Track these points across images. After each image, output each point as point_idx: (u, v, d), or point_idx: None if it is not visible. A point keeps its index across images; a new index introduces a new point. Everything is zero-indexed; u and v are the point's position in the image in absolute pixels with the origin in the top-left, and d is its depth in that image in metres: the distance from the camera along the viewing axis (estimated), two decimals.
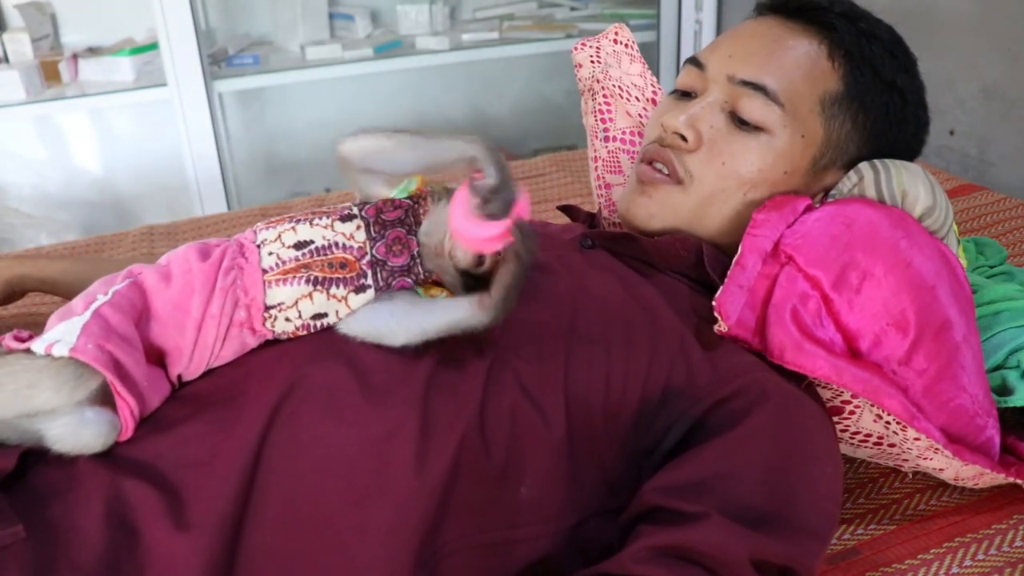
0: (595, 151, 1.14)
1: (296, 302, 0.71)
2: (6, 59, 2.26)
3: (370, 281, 0.72)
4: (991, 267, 1.12)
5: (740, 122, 0.86)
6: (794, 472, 0.70)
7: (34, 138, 2.55)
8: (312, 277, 0.71)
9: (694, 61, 0.91)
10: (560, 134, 2.86)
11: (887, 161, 0.85)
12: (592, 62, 1.13)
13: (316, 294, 0.71)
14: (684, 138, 0.86)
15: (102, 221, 2.50)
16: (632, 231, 0.90)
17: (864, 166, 0.85)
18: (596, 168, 1.14)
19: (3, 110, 2.18)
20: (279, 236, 0.72)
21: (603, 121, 1.13)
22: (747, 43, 0.88)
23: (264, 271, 0.71)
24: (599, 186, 1.14)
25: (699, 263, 0.85)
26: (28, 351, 0.66)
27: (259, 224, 0.75)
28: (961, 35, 1.80)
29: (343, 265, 0.71)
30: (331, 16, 2.60)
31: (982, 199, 1.53)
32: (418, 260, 0.73)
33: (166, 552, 0.64)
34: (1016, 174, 1.73)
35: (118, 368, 0.65)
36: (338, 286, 0.71)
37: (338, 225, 0.73)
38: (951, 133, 1.86)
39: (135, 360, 0.67)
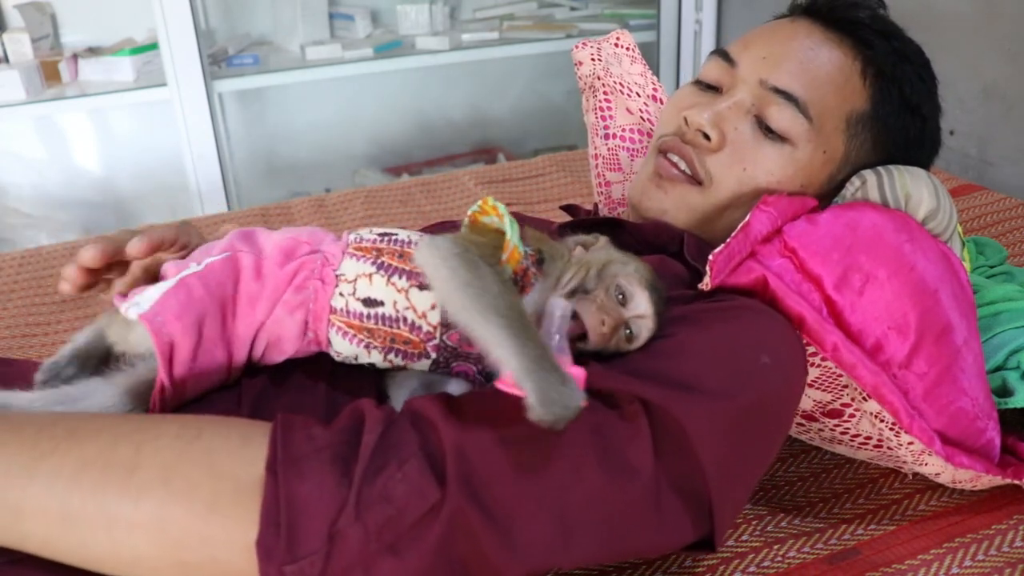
0: (595, 148, 1.14)
1: (355, 356, 0.67)
2: (6, 59, 2.26)
3: (432, 355, 0.66)
4: (991, 267, 1.12)
5: (766, 129, 0.84)
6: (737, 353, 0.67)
7: (34, 138, 2.55)
8: (371, 345, 0.66)
9: (724, 54, 0.89)
10: (560, 134, 2.86)
11: (890, 165, 0.85)
12: (593, 60, 1.13)
13: (374, 351, 0.66)
14: (707, 137, 0.85)
15: (102, 221, 2.50)
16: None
17: (867, 171, 0.84)
18: (596, 165, 1.14)
19: (3, 110, 2.18)
20: (356, 280, 0.66)
21: (603, 119, 1.13)
22: (783, 47, 0.86)
23: (332, 310, 0.66)
24: (599, 183, 1.14)
25: (680, 252, 0.83)
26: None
27: (351, 238, 0.69)
28: (961, 35, 1.80)
29: (406, 342, 0.65)
30: (331, 16, 2.60)
31: (982, 199, 1.53)
32: None
33: None
34: (1016, 174, 1.73)
35: (171, 349, 0.63)
36: (396, 355, 0.66)
37: (414, 295, 0.65)
38: (951, 133, 1.86)
39: (193, 344, 0.64)
